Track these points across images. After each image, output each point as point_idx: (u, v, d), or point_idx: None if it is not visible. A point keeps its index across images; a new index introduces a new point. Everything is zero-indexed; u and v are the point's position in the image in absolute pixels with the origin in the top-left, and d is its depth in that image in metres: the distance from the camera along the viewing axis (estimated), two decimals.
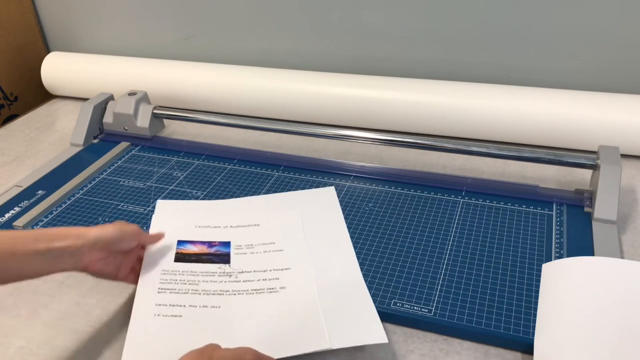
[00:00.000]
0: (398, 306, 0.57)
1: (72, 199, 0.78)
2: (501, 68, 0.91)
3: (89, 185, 0.80)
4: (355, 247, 0.65)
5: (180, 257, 0.63)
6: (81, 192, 0.79)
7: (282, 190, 0.76)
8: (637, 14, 0.81)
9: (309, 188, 0.76)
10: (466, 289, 0.58)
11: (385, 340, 0.51)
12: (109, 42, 1.15)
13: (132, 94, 0.93)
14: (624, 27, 0.83)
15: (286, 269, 0.61)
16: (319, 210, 0.71)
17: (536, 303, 0.56)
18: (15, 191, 0.79)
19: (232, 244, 0.65)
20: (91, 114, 0.91)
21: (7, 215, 0.74)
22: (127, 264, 0.59)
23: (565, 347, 0.49)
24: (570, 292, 0.54)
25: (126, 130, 0.92)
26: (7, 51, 1.12)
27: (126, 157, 0.88)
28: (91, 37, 1.17)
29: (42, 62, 1.10)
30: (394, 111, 0.88)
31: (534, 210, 0.70)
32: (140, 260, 0.61)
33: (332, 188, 0.75)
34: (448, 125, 0.86)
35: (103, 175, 0.83)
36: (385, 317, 0.56)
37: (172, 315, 0.56)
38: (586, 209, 0.69)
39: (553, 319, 0.53)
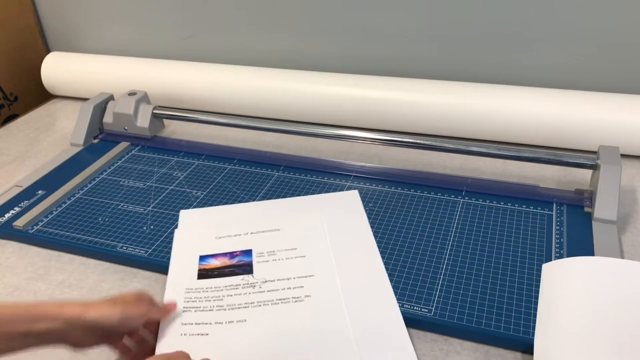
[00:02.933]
0: (398, 306, 0.57)
1: (72, 199, 0.78)
2: (501, 68, 0.91)
3: (89, 185, 0.80)
4: None
5: (203, 274, 0.61)
6: (81, 192, 0.79)
7: (282, 190, 0.76)
8: (637, 14, 0.81)
9: (308, 188, 0.76)
10: (466, 289, 0.58)
11: (414, 358, 0.50)
12: (109, 42, 1.15)
13: (132, 94, 0.93)
14: (624, 27, 0.83)
15: (310, 276, 0.59)
16: (342, 214, 0.68)
17: (536, 303, 0.56)
18: (15, 191, 0.79)
19: (253, 251, 0.64)
20: (91, 114, 0.91)
21: (7, 215, 0.74)
22: (124, 342, 0.52)
23: (565, 347, 0.49)
24: (570, 292, 0.54)
25: (126, 130, 0.92)
26: (7, 51, 1.12)
27: (126, 157, 0.88)
28: (91, 37, 1.17)
29: (42, 62, 1.10)
30: (394, 111, 0.88)
31: (534, 210, 0.70)
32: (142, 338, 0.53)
33: (356, 192, 0.72)
34: (448, 125, 0.86)
35: (103, 175, 0.83)
36: None
37: (198, 334, 0.54)
38: (586, 209, 0.69)
39: (553, 319, 0.53)
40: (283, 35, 1.01)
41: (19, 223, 0.72)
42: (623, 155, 0.70)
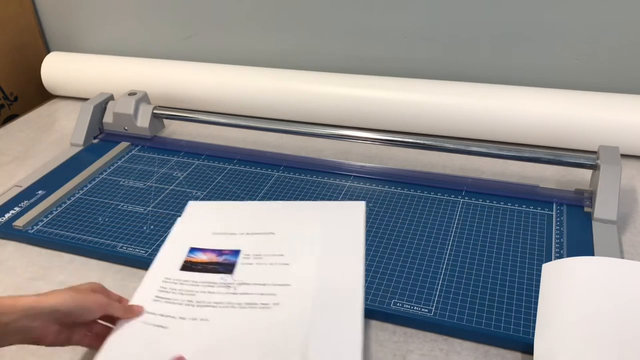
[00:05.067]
0: (398, 306, 0.57)
1: (72, 199, 0.78)
2: (501, 68, 0.91)
3: (89, 185, 0.80)
4: None
5: (187, 266, 0.62)
6: (81, 192, 0.79)
7: (282, 190, 0.76)
8: (637, 14, 0.81)
9: (308, 188, 0.76)
10: (466, 289, 0.58)
11: None
12: (109, 42, 1.15)
13: (132, 94, 0.93)
14: (624, 27, 0.83)
15: (286, 284, 0.58)
16: (340, 227, 0.65)
17: (536, 303, 0.56)
18: (15, 191, 0.79)
19: (241, 252, 0.63)
20: (91, 114, 0.91)
21: (7, 215, 0.74)
22: (85, 332, 0.52)
23: (565, 347, 0.49)
24: (570, 292, 0.54)
25: (126, 130, 0.92)
26: (7, 51, 1.12)
27: (126, 157, 0.88)
28: (91, 37, 1.17)
29: (42, 62, 1.10)
30: (394, 111, 0.88)
31: (534, 210, 0.70)
32: (106, 327, 0.54)
33: (363, 203, 0.68)
34: (448, 125, 0.86)
35: (103, 175, 0.83)
36: (385, 317, 0.56)
37: (157, 325, 0.54)
38: (586, 209, 0.69)
39: (553, 319, 0.53)
40: (283, 35, 1.01)
41: (19, 223, 0.72)
42: (623, 155, 0.70)
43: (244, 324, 0.54)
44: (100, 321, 0.53)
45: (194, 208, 0.72)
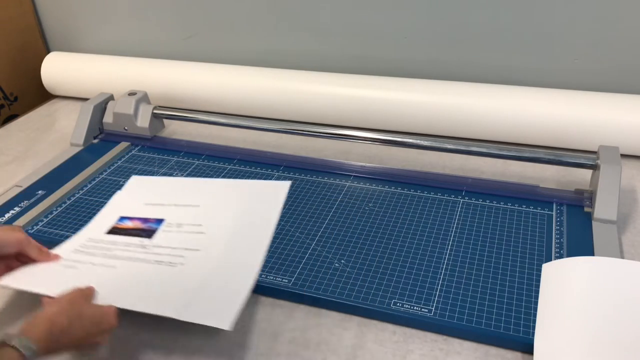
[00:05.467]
0: (398, 306, 0.57)
1: (72, 199, 0.78)
2: (501, 68, 0.91)
3: (89, 185, 0.80)
4: (355, 247, 0.65)
5: (113, 231, 0.67)
6: (81, 192, 0.79)
7: None
8: (637, 14, 0.81)
9: (308, 188, 0.76)
10: (466, 289, 0.58)
11: (227, 328, 0.50)
12: (109, 42, 1.15)
13: (132, 94, 0.93)
14: (624, 28, 0.83)
15: (195, 249, 0.62)
16: (260, 203, 0.69)
17: (536, 303, 0.56)
18: (15, 191, 0.79)
19: (165, 221, 0.67)
20: (91, 114, 0.91)
21: (7, 215, 0.74)
22: (2, 266, 0.57)
23: (565, 347, 0.50)
24: (570, 292, 0.54)
25: (126, 130, 0.92)
26: (7, 51, 1.12)
27: (126, 157, 0.88)
28: (91, 37, 1.17)
29: (42, 62, 1.10)
30: (394, 111, 0.88)
31: (534, 210, 0.70)
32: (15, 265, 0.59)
33: (288, 183, 0.70)
34: (448, 125, 0.86)
35: (103, 175, 0.83)
36: (385, 317, 0.56)
37: (68, 267, 0.60)
38: (586, 209, 0.69)
39: (553, 319, 0.53)
40: (283, 35, 1.01)
41: (19, 223, 0.72)
42: (623, 155, 0.70)
43: (146, 273, 0.59)
44: (18, 261, 0.58)
45: (135, 181, 0.77)
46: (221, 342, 0.55)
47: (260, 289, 0.61)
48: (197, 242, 0.64)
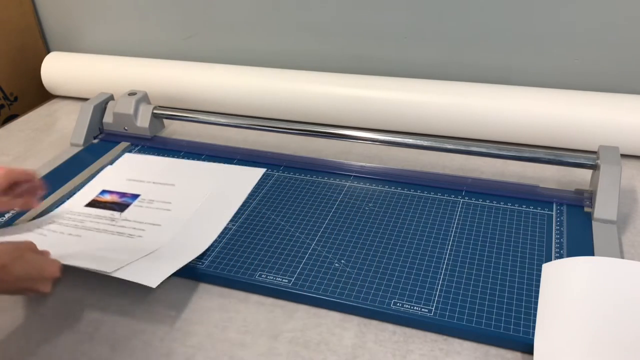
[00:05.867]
0: (398, 306, 0.57)
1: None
2: (501, 68, 0.91)
3: None
4: (355, 247, 0.65)
5: (91, 203, 0.74)
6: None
7: (282, 190, 0.76)
8: (637, 14, 0.81)
9: (308, 188, 0.76)
10: (466, 289, 0.58)
11: (152, 285, 0.56)
12: (109, 42, 1.15)
13: (132, 94, 0.93)
14: (624, 27, 0.83)
15: (157, 225, 0.69)
16: (231, 187, 0.76)
17: (536, 303, 0.56)
18: None
19: (140, 197, 0.74)
20: (91, 114, 0.91)
21: (7, 215, 0.74)
22: None
23: (565, 347, 0.50)
24: (570, 292, 0.55)
25: (126, 130, 0.92)
26: (7, 51, 1.12)
27: None
28: (91, 37, 1.17)
29: (42, 62, 1.10)
30: (394, 111, 0.88)
31: (534, 210, 0.70)
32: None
33: (262, 170, 0.79)
34: (448, 125, 0.86)
35: None
36: (385, 317, 0.56)
37: (39, 234, 0.67)
38: (586, 209, 0.69)
39: (553, 319, 0.53)
40: (283, 35, 1.01)
41: (19, 223, 0.72)
42: (623, 155, 0.70)
43: (103, 241, 0.66)
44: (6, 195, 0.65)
45: (127, 158, 0.85)
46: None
47: (261, 289, 0.61)
48: (161, 218, 0.70)
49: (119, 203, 0.73)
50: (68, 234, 0.68)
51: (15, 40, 1.13)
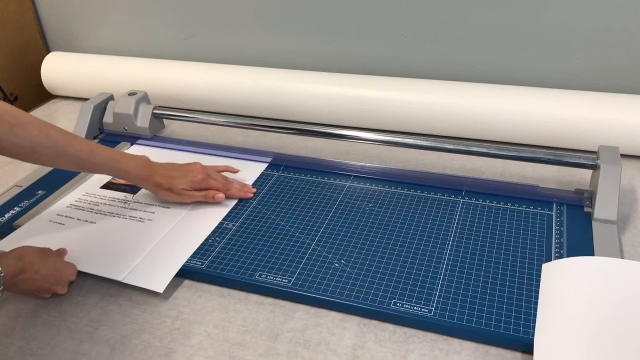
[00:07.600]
0: (398, 306, 0.57)
1: None
2: (501, 68, 0.91)
3: None
4: (355, 247, 0.65)
5: (107, 185, 0.79)
6: None
7: (282, 190, 0.76)
8: (637, 14, 0.81)
9: (308, 188, 0.76)
10: (466, 289, 0.58)
11: (159, 290, 0.60)
12: (109, 42, 1.15)
13: (132, 94, 0.93)
14: (624, 27, 0.83)
15: (166, 207, 0.73)
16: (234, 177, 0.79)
17: (536, 303, 0.56)
18: (15, 191, 0.79)
19: None
20: (91, 114, 0.91)
21: (7, 215, 0.74)
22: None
23: (565, 347, 0.50)
24: (570, 292, 0.55)
25: (126, 130, 0.92)
26: (7, 51, 1.12)
27: None
28: (91, 37, 1.17)
29: (42, 62, 1.10)
30: (394, 111, 0.88)
31: (534, 210, 0.70)
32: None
33: (264, 165, 0.82)
34: (448, 125, 0.86)
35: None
36: (385, 317, 0.56)
37: (58, 223, 0.71)
38: (586, 209, 0.69)
39: (553, 319, 0.53)
40: (283, 35, 1.01)
41: (19, 223, 0.72)
42: (623, 155, 0.70)
43: (120, 230, 0.69)
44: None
45: (137, 149, 0.88)
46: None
47: (260, 289, 0.61)
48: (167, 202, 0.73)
49: (131, 185, 0.77)
50: (84, 220, 0.71)
51: (15, 40, 1.13)
